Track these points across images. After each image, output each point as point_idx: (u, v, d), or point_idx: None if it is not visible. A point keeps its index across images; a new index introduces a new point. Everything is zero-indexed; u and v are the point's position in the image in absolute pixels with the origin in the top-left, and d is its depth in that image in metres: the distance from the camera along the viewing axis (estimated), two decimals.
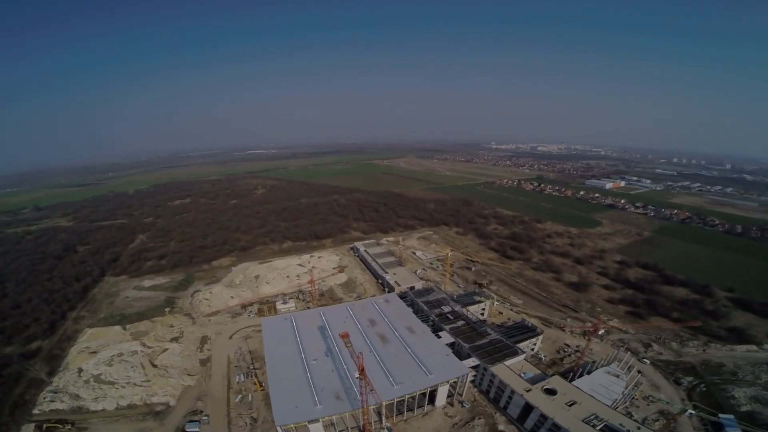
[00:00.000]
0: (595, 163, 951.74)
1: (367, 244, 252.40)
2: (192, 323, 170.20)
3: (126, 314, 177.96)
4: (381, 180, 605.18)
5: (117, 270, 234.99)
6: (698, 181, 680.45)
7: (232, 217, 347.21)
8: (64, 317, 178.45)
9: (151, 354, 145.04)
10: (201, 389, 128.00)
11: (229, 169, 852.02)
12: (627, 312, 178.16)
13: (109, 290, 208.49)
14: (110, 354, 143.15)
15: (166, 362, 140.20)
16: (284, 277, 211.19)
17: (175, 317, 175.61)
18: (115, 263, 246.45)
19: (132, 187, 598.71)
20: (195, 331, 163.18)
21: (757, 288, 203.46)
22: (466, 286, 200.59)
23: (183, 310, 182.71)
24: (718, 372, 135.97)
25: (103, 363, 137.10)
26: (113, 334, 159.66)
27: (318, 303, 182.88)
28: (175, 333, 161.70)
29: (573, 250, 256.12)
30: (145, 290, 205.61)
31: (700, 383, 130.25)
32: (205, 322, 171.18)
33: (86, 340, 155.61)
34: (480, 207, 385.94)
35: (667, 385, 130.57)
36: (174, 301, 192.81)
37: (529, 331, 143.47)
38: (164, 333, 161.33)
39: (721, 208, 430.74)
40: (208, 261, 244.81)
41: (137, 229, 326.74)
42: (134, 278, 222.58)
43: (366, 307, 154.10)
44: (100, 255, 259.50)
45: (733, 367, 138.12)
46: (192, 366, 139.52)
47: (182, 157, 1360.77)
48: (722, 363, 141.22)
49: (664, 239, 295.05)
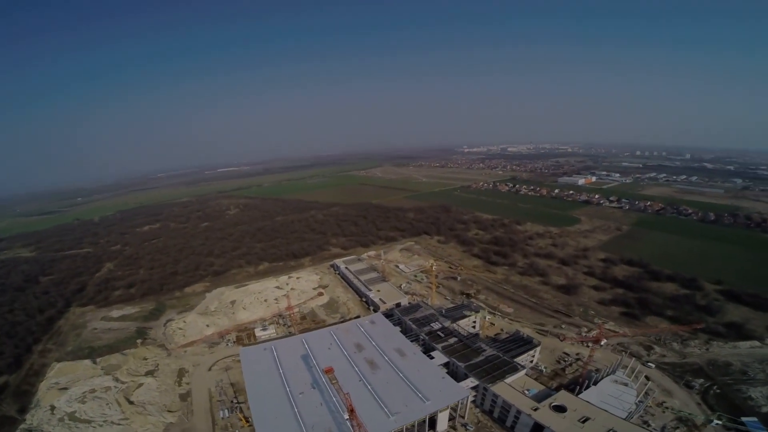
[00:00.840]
0: (564, 160, 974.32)
1: (347, 260, 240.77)
2: (167, 355, 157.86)
3: (95, 347, 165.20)
4: (359, 192, 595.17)
5: (83, 300, 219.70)
6: (663, 171, 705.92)
7: (204, 241, 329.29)
8: (29, 350, 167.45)
9: (126, 389, 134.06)
10: (184, 426, 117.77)
11: (200, 189, 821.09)
12: (621, 313, 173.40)
13: (75, 321, 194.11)
14: (82, 390, 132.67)
15: (143, 398, 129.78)
16: (262, 301, 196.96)
17: (148, 349, 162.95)
18: (80, 293, 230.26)
19: (98, 213, 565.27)
20: (171, 363, 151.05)
21: (742, 278, 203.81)
22: (453, 298, 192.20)
23: (156, 341, 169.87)
24: (728, 372, 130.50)
25: (75, 400, 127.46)
26: (83, 369, 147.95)
27: (299, 327, 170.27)
28: (150, 366, 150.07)
29: (556, 250, 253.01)
30: (114, 321, 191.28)
31: (712, 385, 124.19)
32: (181, 353, 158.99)
33: (55, 375, 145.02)
34: (459, 212, 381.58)
35: (678, 389, 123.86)
36: (146, 331, 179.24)
37: (526, 343, 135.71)
38: (138, 366, 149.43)
39: (691, 197, 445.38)
40: (181, 288, 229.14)
41: (104, 257, 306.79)
42: (102, 308, 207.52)
43: (351, 330, 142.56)
44: (64, 285, 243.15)
45: (742, 366, 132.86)
46: (171, 401, 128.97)
47: (151, 179, 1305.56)
48: (729, 362, 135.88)
49: (642, 232, 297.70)
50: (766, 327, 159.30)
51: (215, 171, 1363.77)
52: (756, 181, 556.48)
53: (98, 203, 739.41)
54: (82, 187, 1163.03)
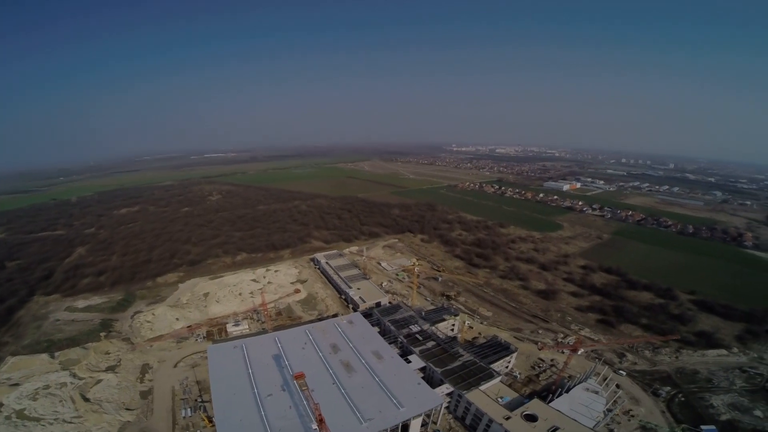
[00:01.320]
0: (551, 164, 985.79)
1: (328, 255, 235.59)
2: (131, 350, 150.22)
3: (55, 340, 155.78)
4: (345, 184, 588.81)
5: (48, 288, 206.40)
6: (647, 180, 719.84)
7: (183, 227, 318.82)
8: None
9: (83, 386, 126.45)
10: (141, 426, 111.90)
11: (184, 173, 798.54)
12: (597, 320, 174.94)
13: (37, 312, 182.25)
14: (35, 386, 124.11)
15: (100, 395, 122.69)
16: (236, 294, 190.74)
17: (112, 343, 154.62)
18: (46, 281, 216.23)
19: (77, 193, 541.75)
20: (134, 358, 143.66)
21: (717, 289, 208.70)
22: (434, 299, 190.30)
23: (121, 335, 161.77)
24: (694, 380, 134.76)
25: (26, 397, 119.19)
26: (39, 364, 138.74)
27: (274, 324, 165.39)
28: (112, 361, 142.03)
29: (538, 255, 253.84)
30: (79, 312, 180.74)
31: (678, 393, 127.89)
32: (147, 348, 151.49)
33: (7, 370, 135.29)
34: (444, 211, 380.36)
35: (645, 397, 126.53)
36: (111, 324, 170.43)
37: (503, 349, 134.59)
38: (99, 361, 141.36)
39: (671, 208, 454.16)
40: (153, 277, 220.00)
41: (76, 241, 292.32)
42: (67, 298, 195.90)
43: (327, 329, 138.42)
44: (30, 271, 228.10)
45: (708, 374, 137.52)
46: (131, 399, 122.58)
47: (135, 161, 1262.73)
48: (696, 370, 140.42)
49: (622, 241, 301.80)
50: (735, 336, 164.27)
51: (202, 156, 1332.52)
52: (735, 195, 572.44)
53: (78, 183, 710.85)
54: (65, 168, 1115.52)
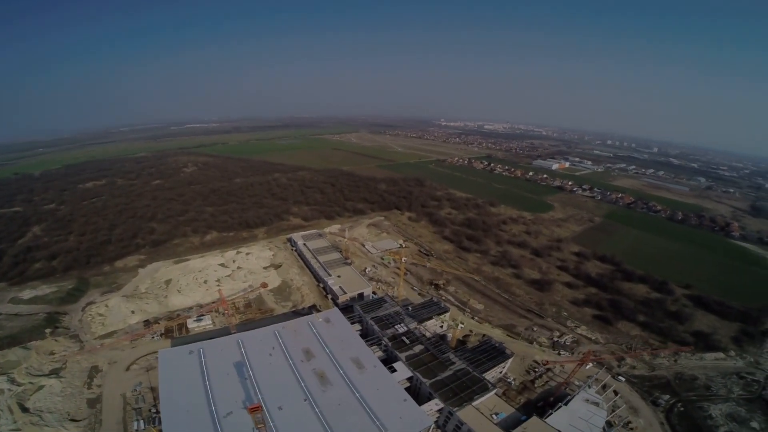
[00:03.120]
0: (538, 143, 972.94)
1: (306, 235, 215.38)
2: (79, 349, 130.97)
3: None
4: (330, 156, 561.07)
5: None
6: (633, 163, 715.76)
7: (151, 201, 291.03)
8: None
9: (22, 393, 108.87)
10: None
11: (160, 144, 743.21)
12: (594, 316, 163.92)
13: None
14: None
15: (41, 404, 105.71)
16: (201, 283, 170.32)
17: (58, 341, 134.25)
18: None
19: (44, 167, 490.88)
20: (82, 360, 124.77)
21: (709, 283, 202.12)
22: (421, 288, 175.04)
23: (69, 331, 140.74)
24: (693, 387, 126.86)
25: None
26: None
27: (241, 318, 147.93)
28: (56, 363, 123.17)
29: (530, 239, 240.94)
30: (24, 304, 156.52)
31: (677, 402, 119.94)
32: (96, 346, 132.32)
33: None
34: (432, 187, 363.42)
35: (644, 406, 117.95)
36: (59, 318, 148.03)
37: (498, 353, 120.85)
38: (41, 364, 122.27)
39: (658, 192, 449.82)
40: (111, 261, 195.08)
41: (33, 219, 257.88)
42: (14, 287, 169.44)
43: (300, 330, 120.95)
44: None
45: (706, 380, 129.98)
46: (76, 409, 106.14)
47: (112, 132, 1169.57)
48: (695, 375, 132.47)
49: (614, 226, 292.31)
50: (731, 338, 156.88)
51: (182, 127, 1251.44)
52: (718, 182, 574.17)
53: (47, 156, 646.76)
54: (35, 140, 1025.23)
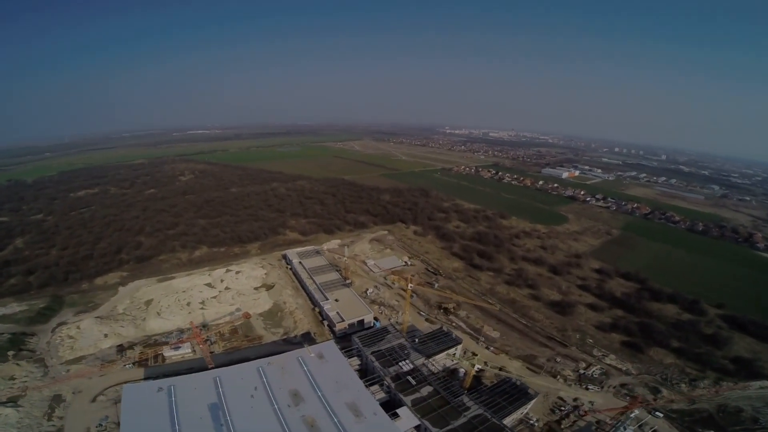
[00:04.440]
0: (545, 150, 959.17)
1: (303, 252, 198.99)
2: (42, 374, 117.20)
3: None
4: (332, 165, 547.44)
5: None
6: (642, 171, 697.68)
7: (141, 212, 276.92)
8: None
9: None
10: None
11: (160, 151, 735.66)
12: (622, 343, 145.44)
13: None
14: None
15: None
16: (183, 305, 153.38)
17: (20, 366, 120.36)
18: None
19: (40, 173, 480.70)
20: (45, 387, 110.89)
21: (741, 301, 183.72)
22: (429, 312, 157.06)
23: (35, 354, 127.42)
24: (738, 420, 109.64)
25: None
26: None
27: (226, 347, 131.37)
28: (15, 390, 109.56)
29: (546, 255, 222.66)
30: None
31: None
32: (62, 372, 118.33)
33: None
34: (439, 198, 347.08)
35: None
36: (24, 340, 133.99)
37: (520, 394, 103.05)
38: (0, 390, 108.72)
39: (674, 201, 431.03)
40: (91, 278, 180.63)
41: (17, 230, 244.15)
42: None
43: (288, 367, 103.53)
44: None
45: (753, 412, 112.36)
46: None
47: (113, 138, 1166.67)
48: (740, 407, 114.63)
49: (633, 239, 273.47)
50: None
51: (184, 133, 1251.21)
52: (732, 189, 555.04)
53: (44, 162, 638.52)
54: (35, 145, 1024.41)
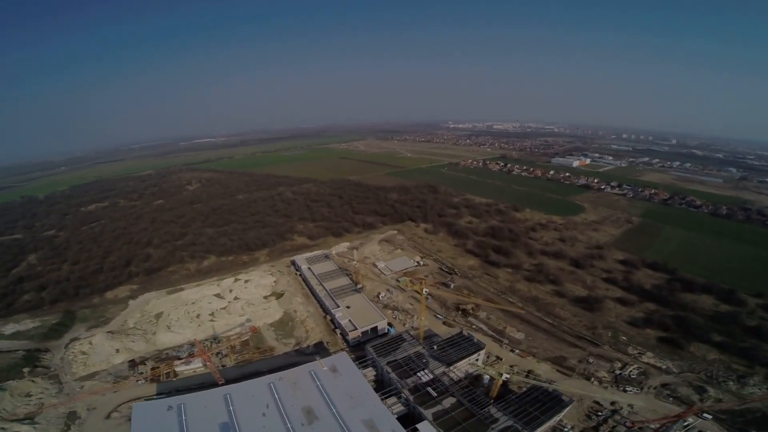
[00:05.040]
0: (552, 140, 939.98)
1: (311, 258, 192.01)
2: (58, 391, 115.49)
3: None
4: (337, 166, 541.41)
5: None
6: (655, 156, 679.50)
7: (149, 224, 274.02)
8: None
9: None
10: None
11: (167, 161, 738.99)
12: (659, 339, 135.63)
13: None
14: None
15: None
16: (193, 317, 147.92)
17: (35, 382, 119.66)
18: None
19: (53, 188, 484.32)
20: (60, 404, 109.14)
21: None
22: (446, 314, 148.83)
23: (49, 371, 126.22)
24: None
25: None
26: None
27: (237, 360, 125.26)
28: (32, 406, 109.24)
29: (566, 247, 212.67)
30: (5, 339, 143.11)
31: None
32: (76, 389, 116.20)
33: None
34: (448, 193, 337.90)
35: None
36: (39, 356, 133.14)
37: (554, 401, 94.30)
38: (16, 407, 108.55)
39: (691, 185, 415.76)
40: (101, 292, 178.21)
41: (30, 246, 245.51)
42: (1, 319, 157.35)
43: (301, 382, 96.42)
44: None
45: None
46: None
47: (122, 150, 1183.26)
48: None
49: (655, 226, 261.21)
50: None
51: (191, 142, 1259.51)
52: (751, 171, 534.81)
53: (57, 177, 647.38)
54: (48, 160, 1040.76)
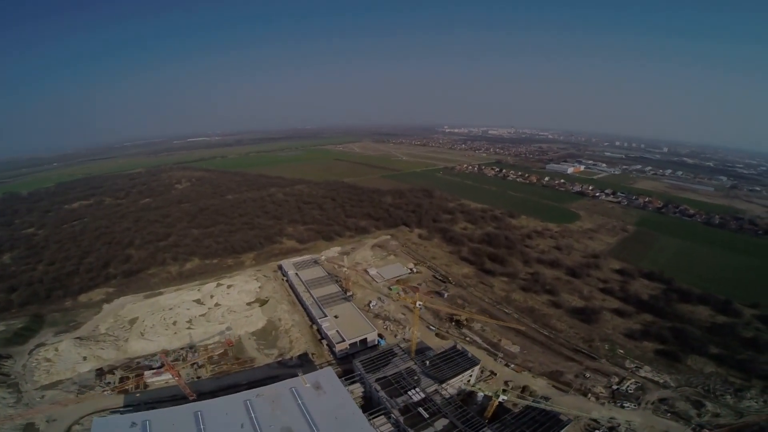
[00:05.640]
0: (547, 146, 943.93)
1: (299, 262, 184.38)
2: (15, 401, 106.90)
3: None
4: (332, 168, 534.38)
5: None
6: (647, 164, 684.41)
7: (132, 224, 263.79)
8: None
9: None
10: None
11: (159, 159, 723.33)
12: (656, 351, 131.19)
13: None
14: None
15: None
16: (169, 324, 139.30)
17: None
18: None
19: (39, 185, 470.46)
20: (17, 415, 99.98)
21: None
22: (439, 325, 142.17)
23: (9, 379, 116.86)
24: None
25: None
26: None
27: (215, 371, 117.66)
28: None
29: (562, 256, 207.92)
30: None
31: None
32: (36, 398, 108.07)
33: None
34: (443, 198, 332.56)
35: None
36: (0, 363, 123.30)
37: (552, 421, 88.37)
38: None
39: (684, 194, 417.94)
40: (75, 294, 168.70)
41: (6, 245, 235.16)
42: None
43: (280, 399, 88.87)
44: None
45: None
46: None
47: (115, 147, 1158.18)
48: None
49: (650, 235, 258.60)
50: None
51: (185, 140, 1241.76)
52: (740, 180, 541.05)
53: (44, 173, 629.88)
54: (38, 156, 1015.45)
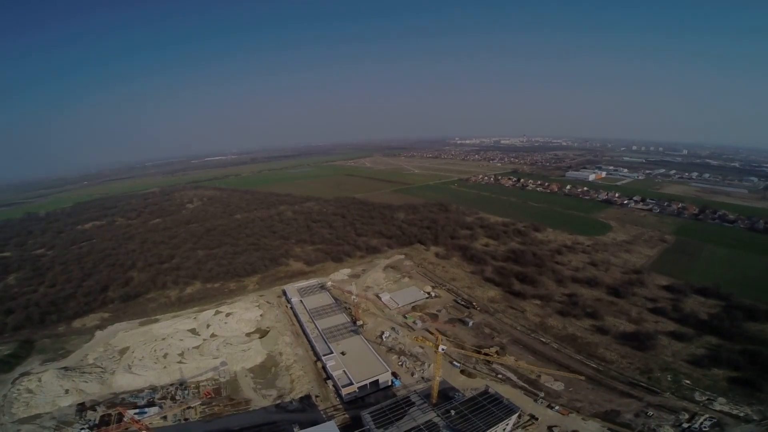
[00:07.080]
0: (562, 153, 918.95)
1: (304, 288, 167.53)
2: None
3: None
4: (342, 184, 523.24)
5: None
6: (670, 167, 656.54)
7: (138, 246, 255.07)
8: None
9: None
10: None
11: (175, 179, 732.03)
12: (730, 380, 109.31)
13: None
14: None
15: None
16: (160, 356, 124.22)
17: None
18: None
19: (60, 204, 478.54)
20: None
21: None
22: (465, 361, 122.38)
23: None
24: None
25: None
26: None
27: (205, 414, 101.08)
28: None
29: (599, 273, 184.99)
30: None
31: None
32: None
33: None
34: (460, 212, 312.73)
35: None
36: None
37: None
38: None
39: (717, 197, 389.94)
40: (69, 319, 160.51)
41: (14, 266, 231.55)
42: None
43: None
44: None
45: None
46: None
47: (136, 168, 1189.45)
48: None
49: (693, 244, 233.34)
50: None
51: (202, 160, 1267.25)
52: None
53: (65, 194, 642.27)
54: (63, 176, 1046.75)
